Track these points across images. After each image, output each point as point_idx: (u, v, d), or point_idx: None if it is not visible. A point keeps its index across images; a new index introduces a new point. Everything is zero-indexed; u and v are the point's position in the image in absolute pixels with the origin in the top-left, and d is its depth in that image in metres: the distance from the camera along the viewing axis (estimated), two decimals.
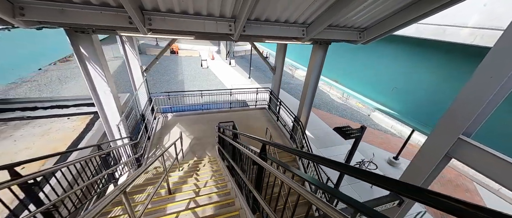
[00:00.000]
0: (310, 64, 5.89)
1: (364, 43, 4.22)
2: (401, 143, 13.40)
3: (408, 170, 3.30)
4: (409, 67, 5.41)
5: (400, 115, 5.66)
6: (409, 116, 5.49)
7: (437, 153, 2.81)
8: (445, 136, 2.71)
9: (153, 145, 6.42)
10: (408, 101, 5.55)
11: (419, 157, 3.10)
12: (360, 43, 4.18)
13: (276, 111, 8.59)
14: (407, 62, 5.44)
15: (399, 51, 5.62)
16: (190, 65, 24.82)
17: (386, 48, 6.00)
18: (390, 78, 6.05)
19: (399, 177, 3.82)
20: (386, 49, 6.00)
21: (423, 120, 5.23)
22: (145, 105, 6.52)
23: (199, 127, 7.55)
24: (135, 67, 6.47)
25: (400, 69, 5.65)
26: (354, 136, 4.62)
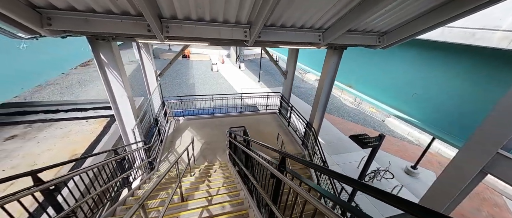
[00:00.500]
0: (324, 69, 5.74)
1: (383, 48, 4.03)
2: (419, 151, 12.69)
3: (437, 185, 3.05)
4: (430, 72, 5.10)
5: (420, 123, 5.32)
6: (430, 123, 5.15)
7: (471, 168, 2.56)
8: (481, 149, 2.47)
9: (165, 148, 6.50)
10: (429, 108, 5.21)
11: (449, 171, 2.85)
12: (379, 48, 4.00)
13: (287, 116, 8.45)
14: (428, 67, 5.13)
15: (419, 56, 5.33)
16: (200, 69, 25.30)
17: (405, 52, 5.72)
18: (409, 84, 5.74)
19: (425, 192, 3.55)
20: (405, 53, 5.72)
21: (446, 128, 4.87)
22: (159, 109, 6.65)
23: (209, 131, 7.57)
24: (150, 71, 6.64)
25: (420, 75, 5.34)
26: (372, 145, 4.40)
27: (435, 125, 5.09)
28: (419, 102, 5.46)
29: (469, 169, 2.59)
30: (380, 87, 6.57)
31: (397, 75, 6.02)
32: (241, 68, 26.53)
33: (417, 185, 9.71)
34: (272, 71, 26.98)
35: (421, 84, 5.37)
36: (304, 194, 1.31)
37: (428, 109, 5.27)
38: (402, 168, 10.69)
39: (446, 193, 2.89)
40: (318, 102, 6.17)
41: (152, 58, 6.55)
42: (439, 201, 2.92)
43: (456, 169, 2.78)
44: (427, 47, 5.06)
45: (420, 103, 5.42)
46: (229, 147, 6.05)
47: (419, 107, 5.41)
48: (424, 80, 5.29)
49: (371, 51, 6.74)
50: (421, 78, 5.33)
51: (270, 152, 6.37)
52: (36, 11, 2.36)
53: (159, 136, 6.34)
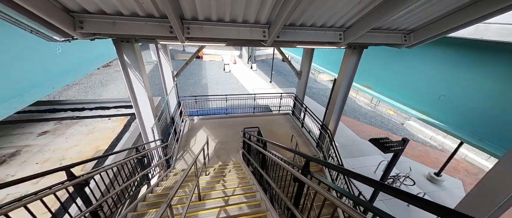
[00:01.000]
0: (342, 69, 5.54)
1: (409, 47, 3.79)
2: (443, 157, 11.86)
3: (474, 195, 2.80)
4: (459, 73, 4.72)
5: (448, 127, 4.94)
6: (459, 128, 4.76)
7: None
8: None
9: (181, 147, 6.66)
10: (458, 111, 4.82)
11: (488, 180, 2.61)
12: (404, 47, 3.77)
13: (301, 117, 8.29)
14: (457, 68, 4.75)
15: (445, 55, 4.95)
16: (213, 70, 25.74)
17: (430, 51, 5.35)
18: (433, 85, 5.36)
19: (459, 202, 3.28)
20: (431, 52, 5.35)
21: (478, 134, 4.48)
22: (175, 109, 6.84)
23: (223, 131, 7.64)
24: (167, 72, 6.85)
25: (449, 76, 4.96)
26: (395, 149, 4.16)
27: (465, 129, 4.70)
28: (446, 105, 5.08)
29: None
30: (401, 88, 6.21)
31: (420, 76, 5.65)
32: (253, 68, 26.60)
33: (442, 194, 9.06)
34: (284, 72, 26.75)
35: (449, 86, 4.99)
36: (334, 200, 1.25)
37: (456, 112, 4.88)
38: (424, 175, 10.04)
39: (484, 203, 2.64)
40: (335, 104, 5.97)
41: (169, 59, 6.75)
42: (479, 209, 2.68)
43: (496, 178, 2.53)
44: (455, 46, 4.69)
45: (448, 106, 5.04)
46: (243, 147, 6.05)
47: (446, 110, 5.03)
48: (453, 81, 4.91)
49: (391, 50, 6.41)
50: (450, 79, 4.95)
51: (285, 153, 6.28)
52: (70, 15, 2.51)
53: (175, 135, 6.52)
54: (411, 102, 5.98)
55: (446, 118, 5.09)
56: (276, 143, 3.06)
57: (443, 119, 5.13)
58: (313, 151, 6.81)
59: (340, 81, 5.68)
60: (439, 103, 5.20)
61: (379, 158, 10.80)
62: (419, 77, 5.63)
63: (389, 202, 7.95)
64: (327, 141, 6.32)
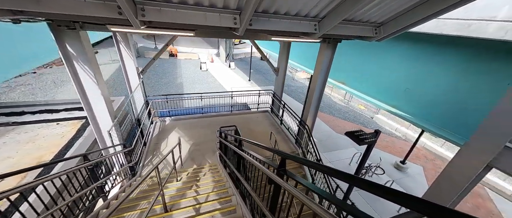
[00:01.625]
0: (317, 64, 5.54)
1: (379, 40, 3.87)
2: (407, 146, 13.04)
3: (439, 183, 2.91)
4: (423, 66, 5.07)
5: (414, 118, 5.29)
6: (423, 118, 5.13)
7: (477, 164, 2.42)
8: (487, 143, 2.33)
9: (149, 151, 5.98)
10: (421, 103, 5.18)
11: (452, 168, 2.71)
12: (375, 39, 3.84)
13: (280, 114, 8.21)
14: (421, 62, 5.10)
15: (412, 50, 5.28)
16: (189, 68, 24.48)
17: (397, 47, 5.67)
18: (401, 79, 5.70)
19: (426, 191, 3.43)
20: (397, 48, 5.67)
21: (440, 123, 4.86)
22: (141, 109, 6.11)
23: (198, 132, 7.13)
24: (130, 68, 6.07)
25: (413, 69, 5.30)
26: (369, 141, 4.24)
27: (428, 119, 5.06)
28: (411, 97, 5.43)
29: (475, 165, 2.45)
30: (372, 83, 6.51)
31: (389, 71, 5.97)
32: (231, 67, 26.05)
33: (407, 180, 9.91)
34: (262, 71, 26.77)
35: (413, 79, 5.33)
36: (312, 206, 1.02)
37: (420, 104, 5.24)
38: (392, 163, 10.88)
39: (449, 190, 2.75)
40: (312, 99, 5.97)
41: (134, 54, 5.99)
42: (445, 196, 2.78)
43: (459, 166, 2.64)
44: (420, 41, 5.01)
45: (413, 98, 5.39)
46: (220, 148, 5.68)
47: (412, 102, 5.38)
48: (417, 74, 5.25)
49: (363, 46, 6.67)
50: (414, 73, 5.29)
51: (264, 152, 6.08)
52: None
53: (142, 138, 5.82)
54: (381, 96, 6.29)
55: (412, 109, 5.44)
56: (253, 141, 2.80)
57: (410, 111, 5.47)
58: (292, 147, 6.75)
59: (316, 76, 5.67)
60: (405, 96, 5.53)
61: (353, 150, 11.39)
62: (388, 72, 5.94)
63: (364, 194, 8.36)
64: (306, 137, 6.31)
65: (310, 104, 6.09)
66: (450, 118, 4.45)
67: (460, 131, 4.23)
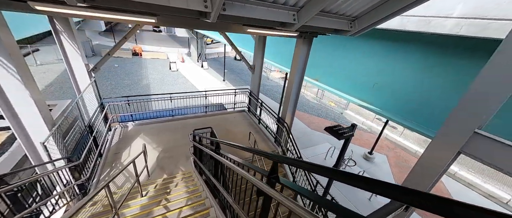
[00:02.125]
0: (295, 60, 5.45)
1: (354, 35, 3.92)
2: (372, 138, 14.25)
3: (416, 171, 2.99)
4: (390, 62, 5.43)
5: (383, 111, 5.63)
6: (392, 111, 5.49)
7: (449, 151, 2.53)
8: (458, 131, 2.44)
9: (107, 164, 5.03)
10: (389, 97, 5.55)
11: (427, 157, 2.81)
12: (350, 34, 3.86)
13: (257, 113, 7.96)
14: (389, 58, 5.44)
15: (381, 47, 5.61)
16: (156, 68, 22.48)
17: (367, 43, 5.97)
18: (372, 75, 6.01)
19: (405, 178, 3.56)
20: (368, 44, 5.97)
21: (408, 116, 5.23)
22: (94, 114, 5.11)
23: (168, 137, 6.36)
24: (78, 65, 5.02)
25: (382, 65, 5.64)
26: (347, 135, 4.28)
27: (397, 112, 5.42)
28: (380, 91, 5.76)
29: (447, 152, 2.56)
30: (345, 79, 6.77)
31: (360, 67, 6.25)
32: (204, 67, 24.91)
33: (374, 169, 10.76)
34: (237, 70, 26.32)
35: (382, 74, 5.67)
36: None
37: (389, 98, 5.58)
38: (361, 155, 11.71)
39: (425, 178, 2.84)
40: (290, 96, 5.86)
41: (80, 47, 4.96)
42: (421, 183, 2.86)
43: (433, 155, 2.74)
44: (387, 38, 5.33)
45: (381, 93, 5.72)
46: (194, 153, 5.11)
47: (381, 97, 5.71)
48: (385, 70, 5.59)
49: (336, 43, 6.89)
50: (382, 69, 5.63)
51: (243, 153, 5.72)
52: None
53: (97, 148, 4.86)
54: (352, 91, 6.57)
55: (381, 103, 5.77)
56: (232, 142, 2.44)
57: (379, 104, 5.80)
58: (272, 146, 6.56)
59: (293, 72, 5.58)
60: (375, 91, 5.85)
61: (328, 145, 11.89)
62: (359, 68, 6.21)
63: (340, 187, 8.71)
64: (285, 135, 6.18)
65: (288, 101, 5.98)
66: (417, 110, 4.81)
67: (427, 122, 4.60)
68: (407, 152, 12.96)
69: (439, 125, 3.18)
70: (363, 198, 8.59)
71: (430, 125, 4.53)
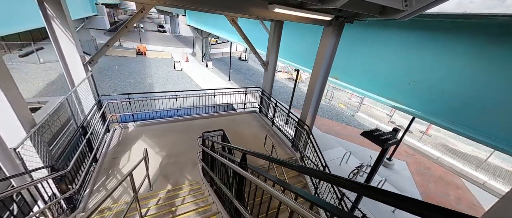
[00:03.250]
0: (320, 53, 4.71)
1: (404, 18, 3.16)
2: None
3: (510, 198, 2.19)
4: (429, 56, 4.64)
5: (422, 113, 4.83)
6: (434, 114, 4.69)
7: None
8: None
9: (103, 170, 4.35)
10: (430, 96, 4.74)
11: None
12: (400, 17, 3.11)
13: (270, 113, 7.22)
14: (426, 50, 4.66)
15: (415, 38, 4.83)
16: (160, 68, 22.01)
17: (395, 36, 5.19)
18: (405, 71, 5.20)
19: (493, 205, 2.78)
20: (395, 37, 5.19)
21: (454, 118, 4.42)
22: (90, 113, 4.45)
23: (173, 139, 5.68)
24: (71, 57, 4.38)
25: (417, 60, 4.86)
26: (393, 142, 3.51)
27: (441, 115, 4.62)
28: (417, 91, 4.96)
29: None
30: (371, 77, 5.98)
31: (390, 63, 5.47)
32: (209, 67, 24.35)
33: (395, 177, 9.86)
34: (242, 70, 25.69)
35: (419, 71, 4.88)
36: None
37: (432, 99, 4.77)
38: None
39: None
40: (312, 95, 5.11)
41: (75, 36, 4.32)
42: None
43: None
44: (425, 28, 4.56)
45: (419, 92, 4.92)
46: (203, 159, 4.40)
47: (420, 97, 4.91)
48: (423, 65, 4.80)
49: (361, 37, 6.11)
50: (420, 64, 4.84)
51: (257, 160, 4.99)
52: None
53: (91, 153, 4.19)
54: (381, 90, 5.77)
55: (419, 104, 4.97)
56: (268, 155, 1.72)
57: (417, 106, 5.00)
58: (289, 152, 5.80)
59: (317, 68, 4.84)
60: (411, 90, 5.06)
61: (342, 150, 11.05)
62: (388, 64, 5.43)
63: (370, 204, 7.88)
64: (305, 139, 5.42)
65: (310, 102, 5.24)
66: (471, 112, 4.00)
67: (486, 128, 3.79)
68: (427, 158, 12.01)
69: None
70: (386, 209, 7.74)
71: (492, 132, 3.71)
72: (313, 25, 6.87)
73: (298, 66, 8.43)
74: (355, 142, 12.50)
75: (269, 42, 6.83)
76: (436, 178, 10.13)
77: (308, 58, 7.67)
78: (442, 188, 9.48)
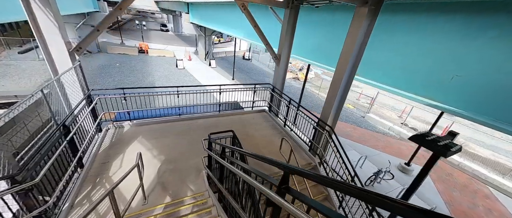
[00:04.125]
0: (349, 39, 3.96)
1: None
2: (404, 146, 12.50)
3: None
4: (479, 45, 3.85)
5: (473, 113, 4.04)
6: (487, 113, 3.89)
7: None
8: None
9: (89, 178, 3.64)
10: (482, 92, 3.94)
11: None
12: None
13: (283, 112, 6.46)
14: (476, 40, 3.87)
15: (461, 22, 4.04)
16: (162, 66, 21.43)
17: (430, 22, 4.41)
18: (443, 63, 4.43)
19: None
20: (431, 23, 4.41)
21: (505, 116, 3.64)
22: (76, 109, 3.74)
23: (174, 141, 4.96)
24: (55, 43, 3.69)
25: (463, 50, 4.07)
26: (455, 150, 2.72)
27: (493, 114, 3.82)
28: (462, 86, 4.17)
29: None
30: (399, 72, 5.19)
31: (424, 55, 4.68)
32: (212, 65, 23.71)
33: None
34: (245, 69, 25.00)
35: (464, 63, 4.09)
36: None
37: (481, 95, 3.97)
38: (396, 166, 9.99)
39: None
40: (337, 92, 4.36)
41: (58, 18, 3.63)
42: None
43: None
44: (471, 10, 3.77)
45: (465, 88, 4.13)
46: (208, 166, 3.68)
47: (466, 94, 4.12)
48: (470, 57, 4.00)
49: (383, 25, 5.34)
50: (465, 55, 4.05)
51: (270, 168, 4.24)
52: None
53: (75, 156, 3.48)
54: (412, 87, 4.98)
55: (464, 102, 4.18)
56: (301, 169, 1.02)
57: (461, 104, 4.21)
58: (307, 157, 5.04)
59: (345, 58, 4.09)
60: (455, 86, 4.27)
61: (355, 154, 10.23)
62: (421, 56, 4.65)
63: None
64: (325, 142, 4.67)
65: (333, 99, 4.48)
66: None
67: None
68: (447, 163, 11.12)
69: None
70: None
71: None
72: (336, 12, 6.12)
73: (315, 63, 7.64)
74: (368, 145, 11.66)
75: (282, 32, 6.10)
76: (460, 186, 9.25)
77: (326, 53, 6.88)
78: (468, 197, 8.61)
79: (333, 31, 6.31)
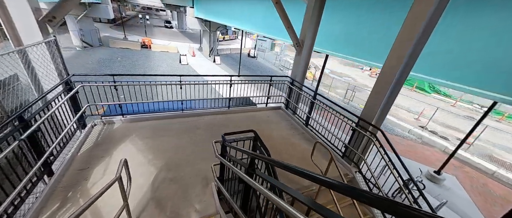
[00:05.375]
0: (409, 21, 2.92)
1: None
2: (428, 151, 11.33)
3: None
4: None
5: None
6: None
7: None
8: None
9: (58, 190, 2.68)
10: None
11: None
12: None
13: (304, 110, 5.43)
14: None
15: None
16: (165, 61, 20.58)
17: None
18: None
19: None
20: None
21: None
22: (44, 96, 2.79)
23: (173, 142, 3.97)
24: (16, 7, 2.74)
25: None
26: None
27: None
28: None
29: None
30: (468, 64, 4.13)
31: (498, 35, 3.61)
32: (216, 62, 22.79)
33: (448, 196, 7.81)
34: (251, 67, 24.01)
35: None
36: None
37: None
38: (424, 173, 8.86)
39: None
40: (389, 86, 3.32)
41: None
42: None
43: None
44: None
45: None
46: (220, 177, 2.69)
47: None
48: None
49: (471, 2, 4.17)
50: None
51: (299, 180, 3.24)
52: None
53: (37, 160, 2.51)
54: (486, 83, 3.91)
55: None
56: None
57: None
58: (342, 167, 4.02)
59: (400, 46, 3.05)
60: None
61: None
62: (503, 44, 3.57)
63: None
64: (363, 147, 3.64)
65: (382, 95, 3.44)
66: None
67: None
68: (480, 171, 9.94)
69: None
70: None
71: None
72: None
73: (346, 56, 6.57)
74: (387, 148, 10.54)
75: (306, 13, 5.07)
76: (501, 200, 8.09)
77: (362, 44, 5.82)
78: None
79: (374, 17, 5.27)
